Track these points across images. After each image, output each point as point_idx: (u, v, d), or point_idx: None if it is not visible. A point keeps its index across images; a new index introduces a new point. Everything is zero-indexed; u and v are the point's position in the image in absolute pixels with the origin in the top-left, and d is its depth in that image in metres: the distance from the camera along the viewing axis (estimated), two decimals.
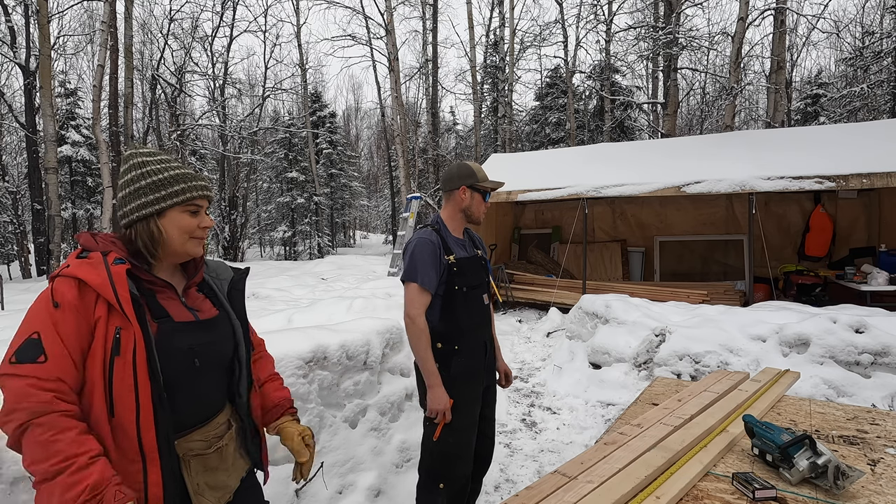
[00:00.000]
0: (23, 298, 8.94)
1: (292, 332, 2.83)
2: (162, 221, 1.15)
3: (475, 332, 2.07)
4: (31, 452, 0.95)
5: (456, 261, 2.00)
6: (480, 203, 2.11)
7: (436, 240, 2.01)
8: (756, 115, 24.17)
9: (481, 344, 2.10)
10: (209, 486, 1.18)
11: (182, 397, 1.13)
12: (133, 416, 1.03)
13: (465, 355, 2.02)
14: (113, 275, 1.05)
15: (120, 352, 1.03)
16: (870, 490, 1.39)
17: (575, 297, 6.72)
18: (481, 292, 2.10)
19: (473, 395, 2.05)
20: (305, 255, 21.94)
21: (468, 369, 2.02)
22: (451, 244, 2.05)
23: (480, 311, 2.09)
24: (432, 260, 1.97)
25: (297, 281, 10.57)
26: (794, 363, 3.76)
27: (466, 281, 2.02)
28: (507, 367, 2.30)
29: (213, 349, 1.21)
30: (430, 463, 2.04)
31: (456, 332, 2.01)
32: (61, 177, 16.18)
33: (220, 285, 1.32)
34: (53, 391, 0.98)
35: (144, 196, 1.14)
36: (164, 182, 1.15)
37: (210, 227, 1.23)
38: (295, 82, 22.74)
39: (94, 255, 1.09)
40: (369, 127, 41.23)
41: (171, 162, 1.21)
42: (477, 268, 2.11)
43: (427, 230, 2.07)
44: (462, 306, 2.02)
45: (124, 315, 1.04)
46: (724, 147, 7.51)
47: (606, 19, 16.65)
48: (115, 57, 13.10)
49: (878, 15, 19.04)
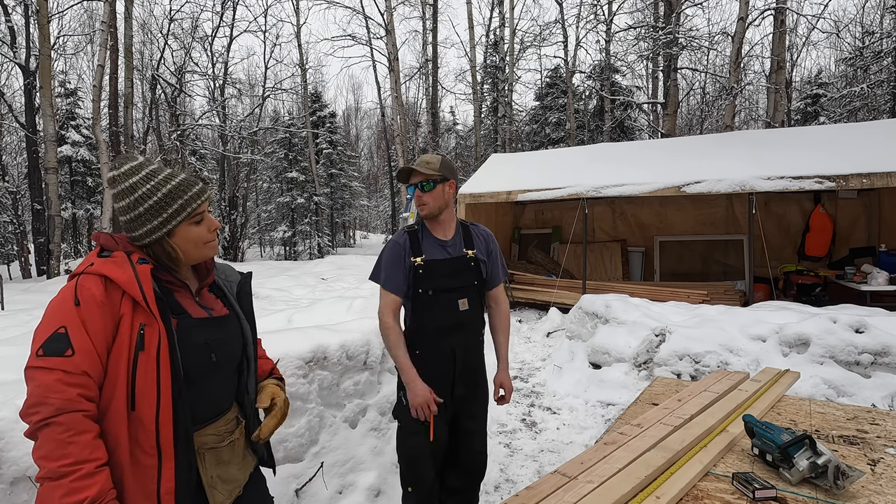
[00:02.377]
0: (23, 298, 8.93)
1: (292, 332, 2.83)
2: (174, 241, 1.18)
3: (442, 338, 1.93)
4: (45, 447, 0.97)
5: (423, 262, 1.90)
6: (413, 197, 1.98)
7: (402, 241, 1.95)
8: (756, 115, 24.17)
9: (448, 351, 1.95)
10: (222, 480, 1.21)
11: (198, 392, 1.16)
12: (153, 411, 1.06)
13: (427, 363, 1.92)
14: (139, 273, 1.10)
15: (144, 347, 1.06)
16: (870, 490, 1.39)
17: (575, 297, 6.72)
18: (458, 296, 1.95)
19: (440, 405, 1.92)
20: (305, 255, 21.93)
21: (429, 378, 1.89)
22: (426, 245, 1.95)
23: (451, 317, 1.94)
24: (394, 261, 1.92)
25: (297, 281, 10.56)
26: (794, 363, 3.76)
27: (435, 284, 1.91)
28: (506, 380, 2.12)
29: (225, 346, 1.25)
30: (400, 468, 2.03)
31: (419, 336, 1.93)
32: (61, 177, 16.17)
33: (229, 286, 1.36)
34: (80, 387, 1.01)
35: (148, 222, 1.15)
36: (162, 203, 1.15)
37: (218, 227, 1.25)
38: (295, 82, 22.75)
39: (117, 254, 1.13)
40: (369, 127, 41.28)
41: (160, 175, 1.17)
42: (456, 270, 1.96)
43: (401, 231, 2.01)
44: (426, 310, 1.92)
45: (150, 312, 1.07)
46: (724, 147, 7.51)
47: (606, 19, 16.64)
48: (115, 57, 13.09)
49: (878, 15, 19.04)
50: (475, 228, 2.10)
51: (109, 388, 1.05)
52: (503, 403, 2.11)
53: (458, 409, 2.02)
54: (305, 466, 2.50)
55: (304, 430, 2.51)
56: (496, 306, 2.17)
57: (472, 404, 2.04)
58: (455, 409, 2.01)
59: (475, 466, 2.09)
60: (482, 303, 2.08)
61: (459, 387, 1.98)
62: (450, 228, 2.00)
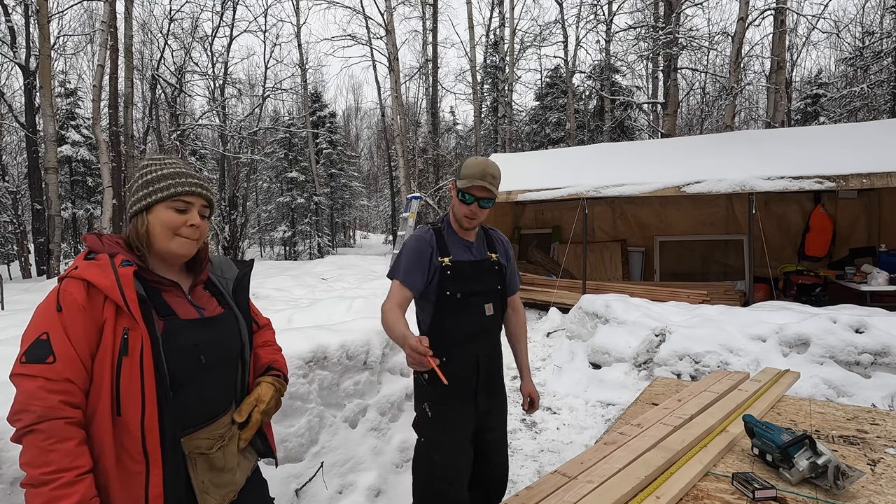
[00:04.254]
0: (23, 298, 8.94)
1: (292, 332, 2.83)
2: (149, 216, 1.18)
3: (467, 344, 1.84)
4: (28, 454, 0.98)
5: (451, 263, 1.81)
6: (459, 205, 1.84)
7: (429, 238, 1.84)
8: (756, 115, 24.17)
9: (473, 359, 1.85)
10: (214, 485, 1.19)
11: (188, 395, 1.14)
12: (138, 416, 1.04)
13: (456, 369, 1.79)
14: (121, 277, 1.08)
15: (128, 352, 1.05)
16: (870, 490, 1.39)
17: (575, 297, 6.72)
18: (484, 300, 1.87)
19: (466, 414, 1.83)
20: (305, 255, 21.94)
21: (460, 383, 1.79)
22: (451, 245, 1.86)
23: (478, 321, 1.86)
24: (418, 259, 1.81)
25: (297, 281, 10.56)
26: (794, 363, 3.76)
27: (462, 287, 1.82)
28: (533, 389, 2.04)
29: (218, 346, 1.22)
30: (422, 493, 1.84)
31: (442, 341, 1.78)
32: (61, 177, 16.17)
33: (225, 284, 1.33)
34: (62, 393, 1.00)
35: (136, 193, 1.19)
36: (154, 179, 1.19)
37: (199, 226, 1.21)
38: (295, 82, 22.75)
39: (101, 256, 1.12)
40: (369, 127, 41.27)
41: (171, 163, 1.23)
42: (482, 273, 1.89)
43: (424, 227, 1.91)
44: (453, 315, 1.82)
45: (132, 316, 1.06)
46: (724, 147, 7.51)
47: (606, 19, 16.65)
48: (115, 57, 13.10)
49: (878, 15, 19.05)
50: (494, 233, 2.06)
51: (95, 394, 1.04)
52: (532, 412, 2.05)
53: (479, 424, 1.90)
54: (305, 466, 2.50)
55: (304, 430, 2.51)
56: (514, 313, 2.10)
57: (491, 417, 1.94)
58: (478, 422, 1.89)
59: (498, 479, 1.98)
60: (504, 308, 2.01)
61: (482, 397, 1.87)
62: (473, 230, 1.94)
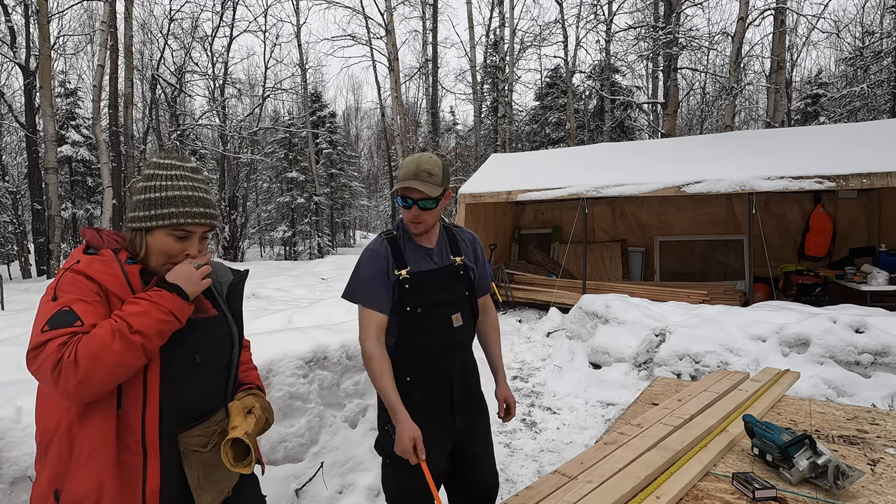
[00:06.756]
0: (23, 298, 8.94)
1: (292, 332, 2.83)
2: (148, 238, 1.16)
3: (436, 361, 1.70)
4: (112, 354, 0.97)
5: (409, 276, 1.64)
6: (403, 210, 1.66)
7: (383, 251, 1.67)
8: (756, 115, 24.18)
9: (445, 376, 1.71)
10: (209, 481, 1.21)
11: (184, 392, 1.16)
12: (139, 410, 1.06)
13: (420, 390, 1.67)
14: (129, 274, 1.11)
15: None
16: (870, 490, 1.39)
17: (575, 297, 6.72)
18: (450, 311, 1.71)
19: (438, 439, 1.67)
20: (305, 254, 21.95)
21: (423, 406, 1.65)
22: (409, 254, 1.69)
23: (447, 335, 1.70)
24: (376, 275, 1.64)
25: (297, 281, 10.57)
26: (794, 363, 3.76)
27: (423, 299, 1.65)
28: (509, 394, 1.86)
29: (211, 348, 1.24)
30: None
31: (411, 360, 1.67)
32: (61, 177, 16.17)
33: (219, 288, 1.34)
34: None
35: (139, 210, 1.16)
36: (157, 201, 1.15)
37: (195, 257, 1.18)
38: (295, 82, 22.79)
39: (105, 252, 1.12)
40: (369, 127, 41.30)
41: (181, 179, 1.18)
42: (446, 282, 1.72)
43: (378, 239, 1.73)
44: (418, 332, 1.66)
45: None
46: (724, 147, 7.51)
47: (606, 19, 16.65)
48: (115, 57, 13.10)
49: (878, 15, 19.06)
50: (460, 232, 1.87)
51: None
52: (508, 419, 1.87)
53: (460, 439, 1.76)
54: (305, 466, 2.50)
55: (304, 430, 2.51)
56: (484, 314, 1.93)
57: (474, 430, 1.81)
58: (456, 439, 1.76)
59: (486, 493, 1.83)
60: (475, 315, 1.84)
61: (460, 417, 1.74)
62: (434, 234, 1.75)
